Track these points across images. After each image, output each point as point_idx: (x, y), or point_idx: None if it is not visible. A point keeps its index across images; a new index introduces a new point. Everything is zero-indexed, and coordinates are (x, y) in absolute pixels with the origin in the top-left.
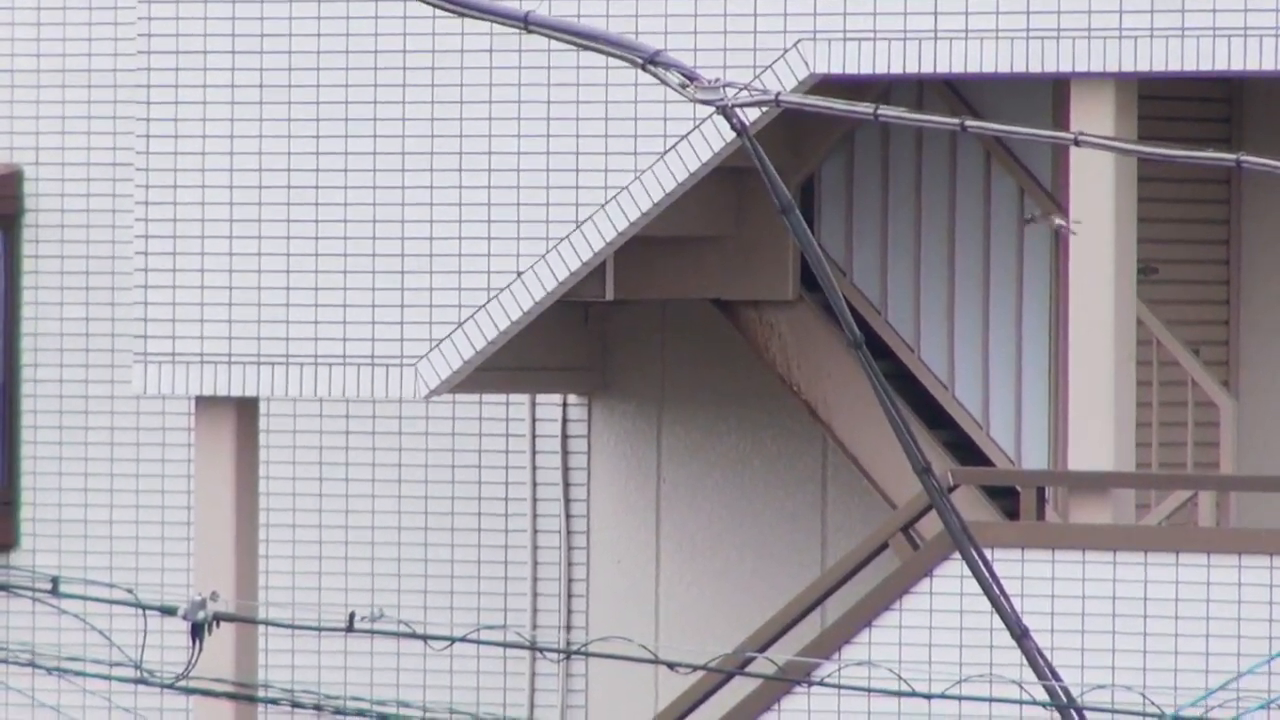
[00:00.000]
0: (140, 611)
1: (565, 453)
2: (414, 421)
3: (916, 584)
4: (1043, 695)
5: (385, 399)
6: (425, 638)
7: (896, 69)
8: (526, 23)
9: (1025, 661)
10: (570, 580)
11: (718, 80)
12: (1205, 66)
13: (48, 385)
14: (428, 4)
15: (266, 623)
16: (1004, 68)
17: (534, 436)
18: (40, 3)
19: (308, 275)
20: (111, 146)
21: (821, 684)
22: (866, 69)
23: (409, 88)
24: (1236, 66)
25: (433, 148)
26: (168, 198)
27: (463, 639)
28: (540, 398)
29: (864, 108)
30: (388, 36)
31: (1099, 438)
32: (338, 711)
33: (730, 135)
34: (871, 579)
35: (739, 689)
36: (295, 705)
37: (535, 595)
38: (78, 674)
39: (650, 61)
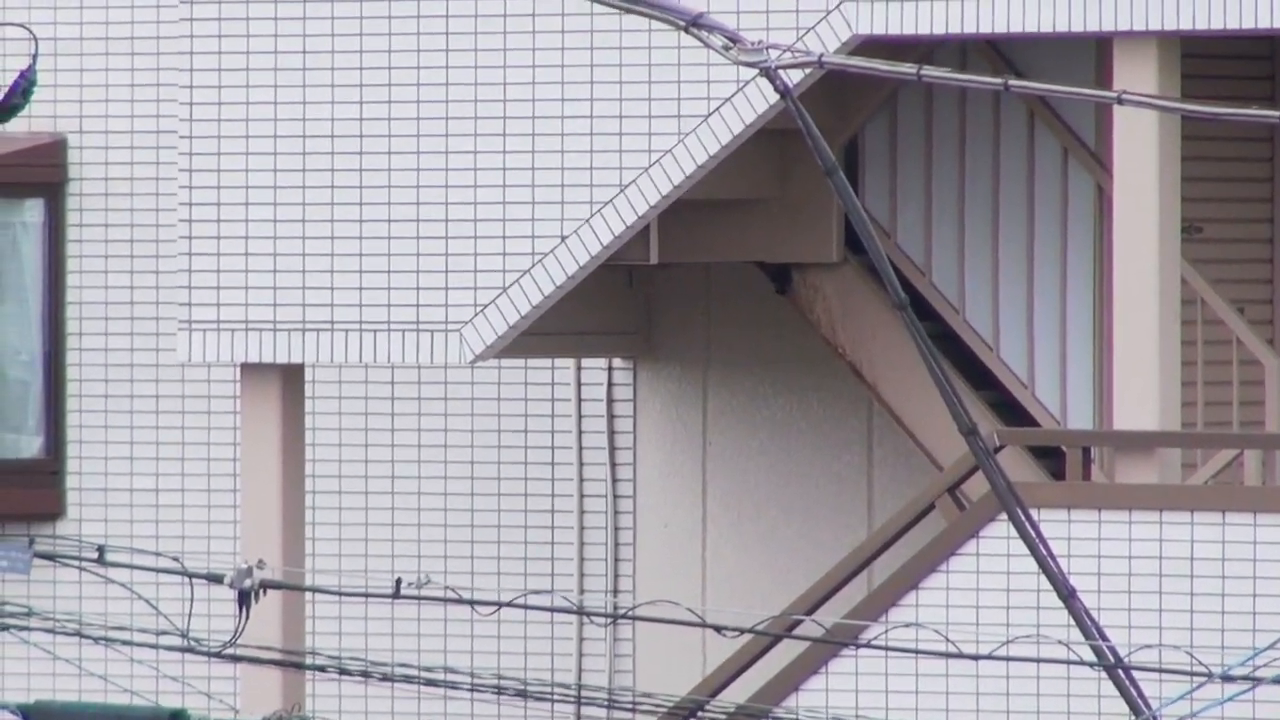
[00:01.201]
0: (187, 580)
1: (611, 416)
2: (459, 387)
3: (963, 545)
4: (1090, 655)
5: (430, 364)
6: (472, 603)
7: (939, 29)
8: None
9: (1072, 622)
10: (617, 544)
11: (760, 42)
12: (1248, 24)
13: (93, 354)
14: None
15: (313, 589)
16: (1046, 27)
17: (579, 401)
18: None
19: (352, 241)
20: (155, 115)
21: (869, 646)
22: (909, 30)
23: (452, 53)
24: (1279, 24)
25: (476, 112)
26: (211, 165)
27: (510, 604)
28: (585, 362)
29: (907, 68)
30: (430, 2)
31: (1144, 397)
32: (385, 678)
33: (774, 97)
34: (918, 541)
35: (786, 652)
36: (343, 672)
37: (582, 560)
38: (125, 643)
39: (693, 24)
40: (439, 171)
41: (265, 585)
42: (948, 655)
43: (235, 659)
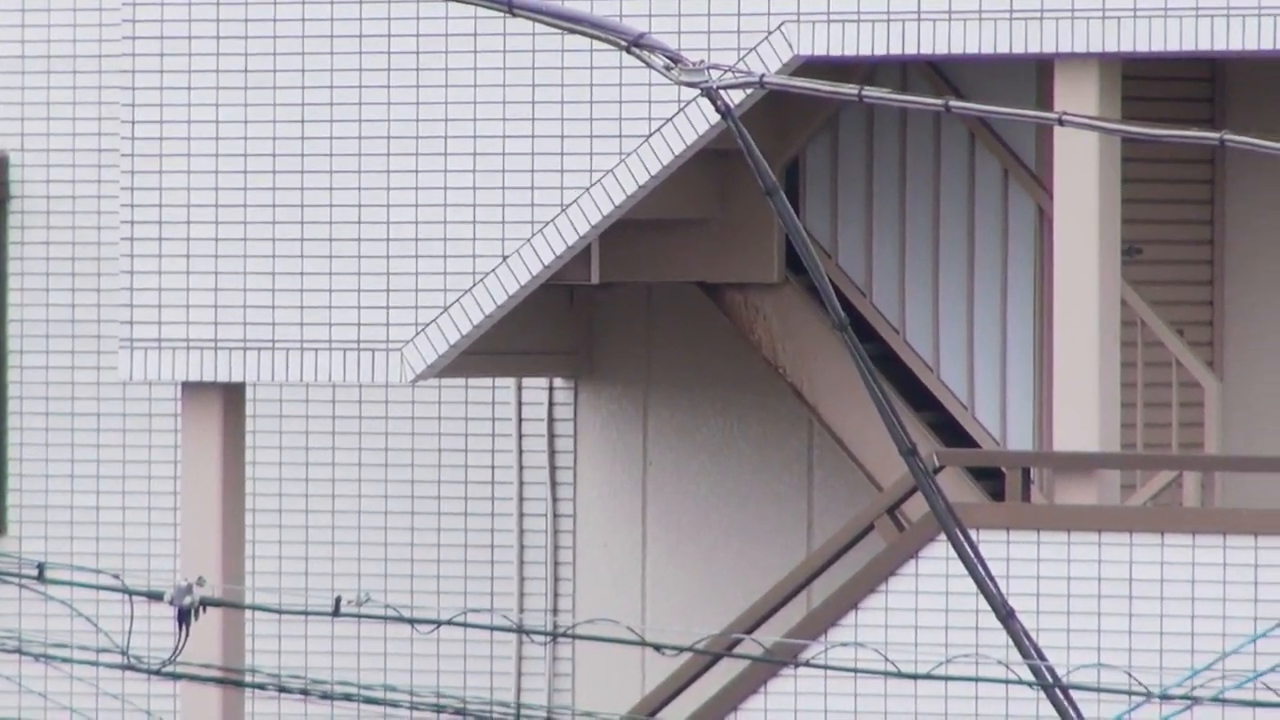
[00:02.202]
0: (127, 597)
1: (551, 436)
2: (400, 406)
3: (902, 566)
4: (1029, 675)
5: (371, 384)
6: (412, 621)
7: (880, 50)
8: (511, 6)
9: (1011, 642)
10: (557, 563)
11: (702, 62)
12: (1189, 46)
13: (34, 372)
14: None
15: (253, 608)
16: (988, 48)
17: (520, 420)
18: None
19: (293, 260)
20: (97, 132)
21: (808, 665)
22: (850, 51)
23: (394, 72)
24: (1220, 46)
25: (418, 132)
26: (153, 183)
27: (449, 622)
28: (526, 381)
29: (848, 89)
30: (372, 21)
31: (1084, 419)
32: (324, 696)
33: (715, 118)
34: (858, 561)
35: (726, 671)
36: (282, 690)
37: (522, 579)
38: (64, 660)
39: (634, 44)
40: (380, 190)
41: (205, 603)
42: (887, 674)
43: (175, 677)
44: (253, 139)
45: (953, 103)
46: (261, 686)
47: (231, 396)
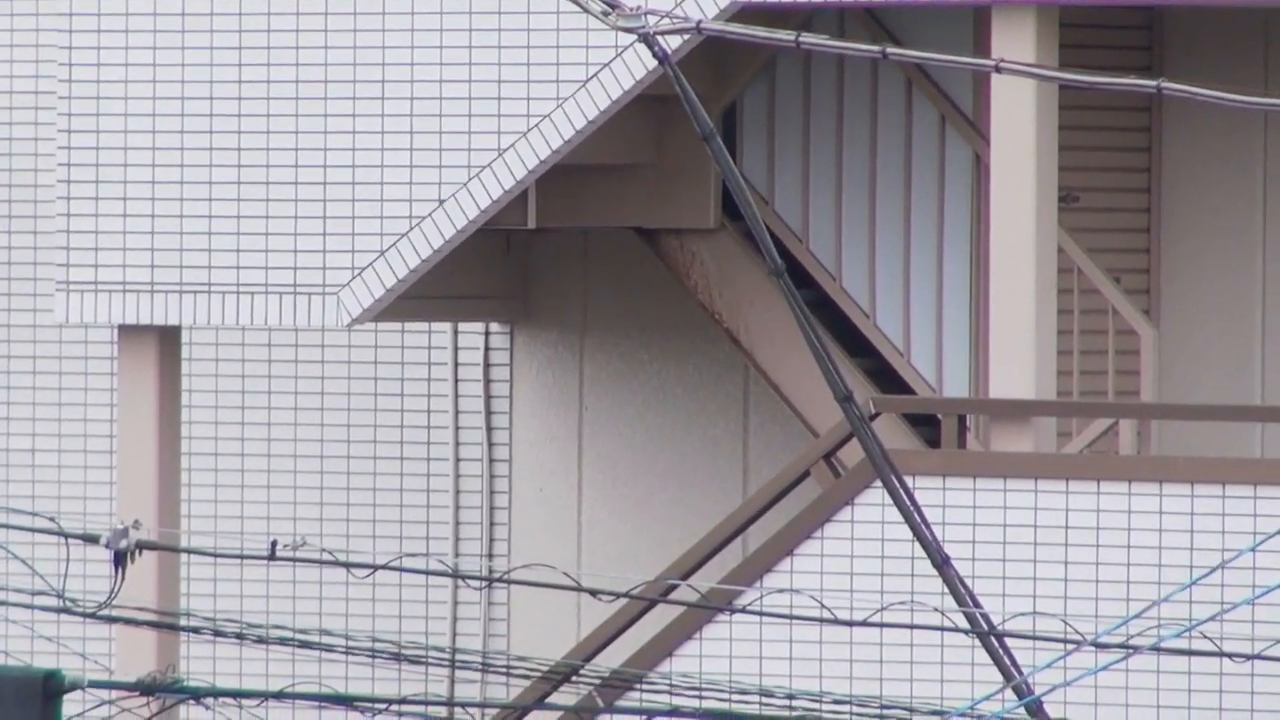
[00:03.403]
0: (63, 540)
1: (487, 381)
2: (336, 350)
3: (838, 512)
4: (964, 623)
5: (308, 328)
6: (348, 565)
7: None
8: None
9: (946, 589)
10: (493, 508)
11: (639, 8)
12: None
13: None
14: None
15: (189, 551)
16: None
17: (456, 365)
18: None
19: (230, 203)
20: (34, 75)
21: (743, 611)
22: None
23: (331, 15)
24: None
25: (355, 76)
26: (90, 125)
27: (385, 566)
28: (462, 326)
29: (786, 35)
30: None
31: (1020, 366)
32: (260, 640)
33: (652, 63)
34: (793, 507)
35: (661, 617)
36: (217, 634)
37: (457, 524)
38: (0, 603)
39: None
40: (317, 135)
41: (141, 546)
42: (822, 621)
43: (110, 620)
44: (190, 82)
45: (890, 49)
46: (197, 630)
47: (168, 339)
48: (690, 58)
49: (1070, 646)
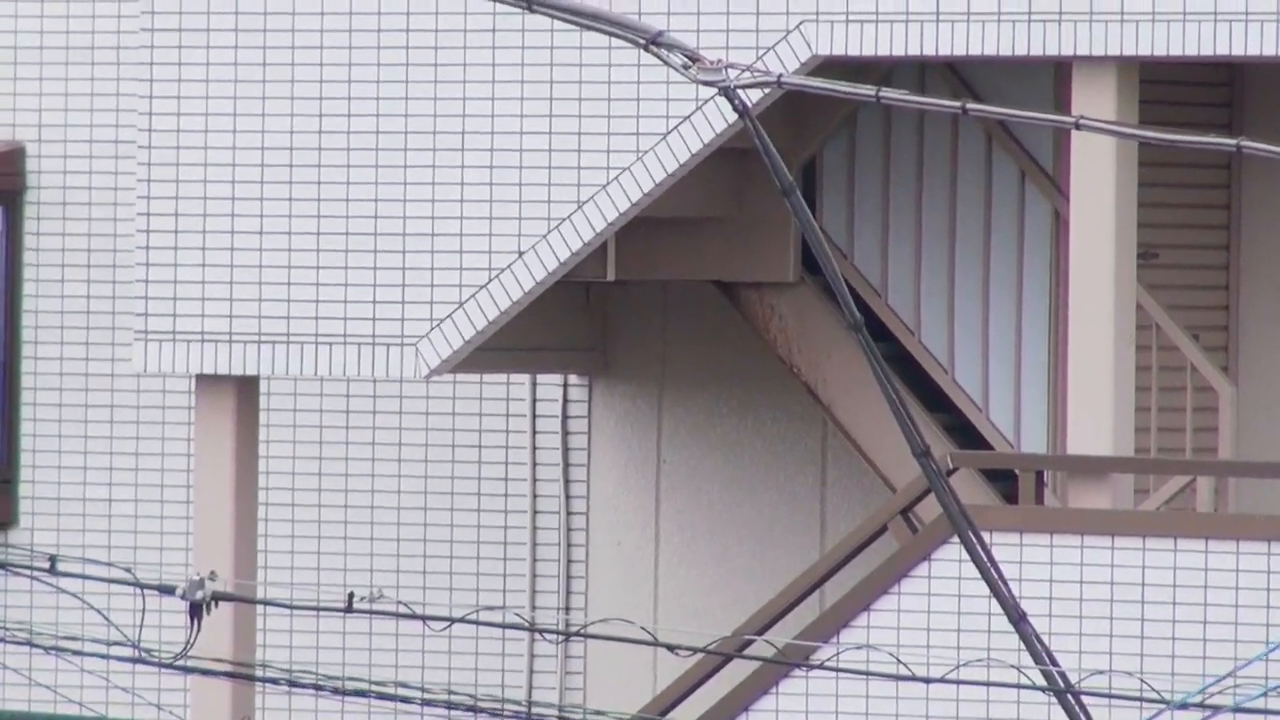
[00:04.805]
0: (138, 590)
1: (565, 433)
2: (414, 401)
3: (915, 567)
4: (1040, 680)
5: (386, 378)
6: (424, 618)
7: (899, 51)
8: (530, 2)
9: (1023, 646)
10: (569, 561)
11: (720, 61)
12: (1206, 51)
13: (48, 363)
14: None
15: (265, 602)
16: (1006, 50)
17: (534, 417)
18: None
19: (309, 254)
20: (115, 124)
21: (820, 667)
22: (869, 51)
23: (413, 67)
24: (1238, 51)
25: (435, 127)
26: (170, 175)
27: (461, 619)
28: (541, 378)
29: (866, 90)
30: (391, 15)
31: (1098, 422)
32: (336, 691)
33: (732, 116)
34: (870, 562)
35: (737, 672)
36: (293, 685)
37: (534, 576)
38: (75, 653)
39: (652, 42)
40: (398, 185)
41: (217, 597)
42: (898, 678)
43: (186, 670)
44: (270, 132)
45: (970, 105)
46: (274, 681)
47: (246, 389)
48: (770, 111)
49: (1148, 706)
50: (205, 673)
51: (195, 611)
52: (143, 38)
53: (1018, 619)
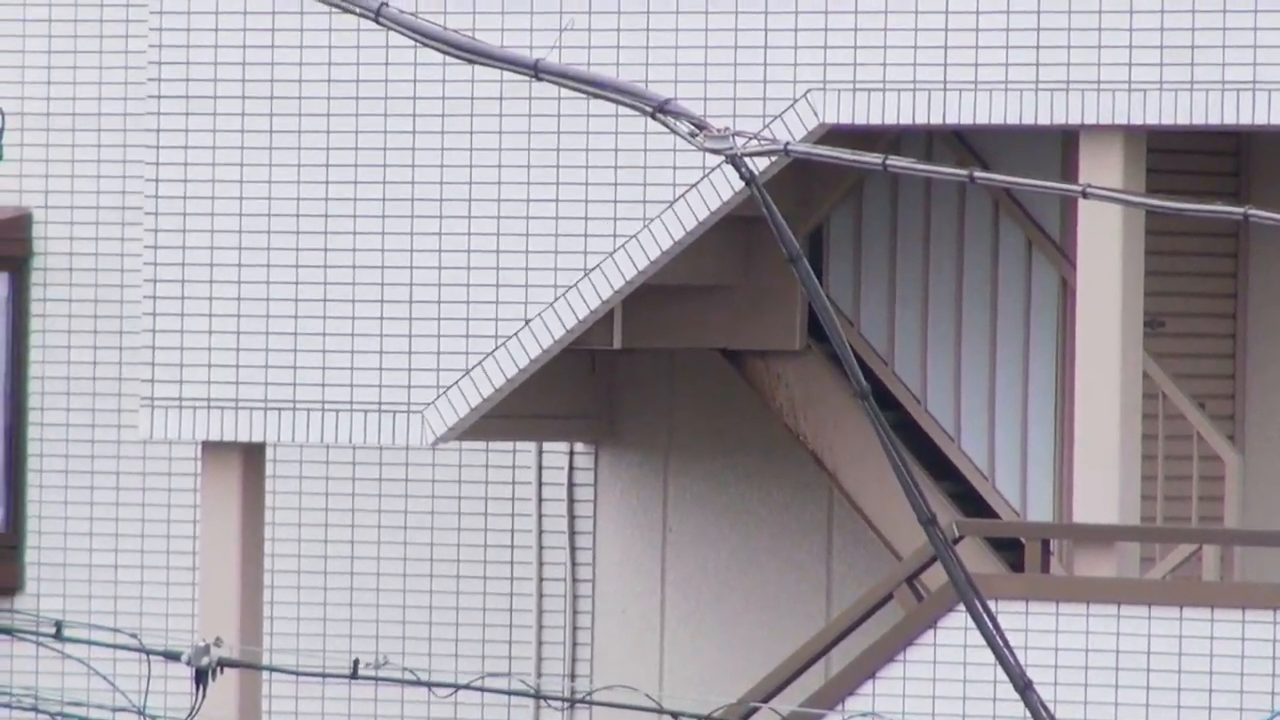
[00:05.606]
0: (144, 656)
1: (571, 501)
2: (420, 469)
3: (921, 635)
4: None
5: (392, 446)
6: (429, 684)
7: (906, 119)
8: (536, 70)
9: (1029, 714)
10: (575, 629)
11: (727, 129)
12: (1214, 120)
13: (54, 429)
14: (438, 51)
15: (270, 669)
16: (1013, 119)
17: (540, 484)
18: (51, 46)
19: (315, 321)
20: (120, 190)
21: None
22: (876, 119)
23: (419, 134)
24: (1245, 120)
25: (442, 194)
26: (176, 242)
27: (467, 686)
28: (547, 446)
29: (873, 158)
30: (398, 83)
31: (1104, 491)
32: None
33: (739, 184)
34: (876, 630)
35: None
36: None
37: (540, 643)
38: (81, 719)
39: (659, 110)
40: (404, 253)
41: (223, 663)
42: None
43: None
44: (276, 199)
45: (977, 173)
46: None
47: (252, 456)
48: (778, 179)
49: None
50: None
51: (200, 678)
52: (149, 104)
53: (1023, 687)
